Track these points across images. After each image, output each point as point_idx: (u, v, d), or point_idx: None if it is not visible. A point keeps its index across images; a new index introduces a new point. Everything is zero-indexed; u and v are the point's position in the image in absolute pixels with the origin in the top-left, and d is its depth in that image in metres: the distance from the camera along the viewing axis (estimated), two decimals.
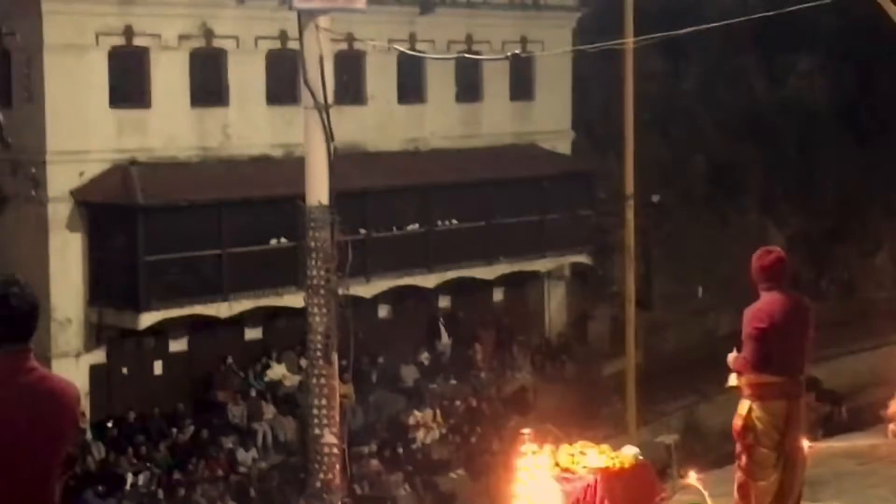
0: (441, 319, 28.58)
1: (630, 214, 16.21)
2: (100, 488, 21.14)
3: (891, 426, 12.54)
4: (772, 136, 33.50)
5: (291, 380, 25.08)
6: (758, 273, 8.40)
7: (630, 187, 16.20)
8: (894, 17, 12.61)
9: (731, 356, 8.54)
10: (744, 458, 8.48)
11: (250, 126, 25.71)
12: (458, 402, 26.20)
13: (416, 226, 27.32)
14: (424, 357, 27.66)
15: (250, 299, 24.73)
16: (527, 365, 28.62)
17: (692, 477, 10.40)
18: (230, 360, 24.99)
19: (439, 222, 27.69)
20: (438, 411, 25.76)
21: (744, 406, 8.44)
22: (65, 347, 23.37)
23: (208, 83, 25.52)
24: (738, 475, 8.56)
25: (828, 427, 22.21)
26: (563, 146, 30.99)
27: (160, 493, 21.45)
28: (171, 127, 24.82)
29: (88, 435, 22.30)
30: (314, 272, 10.61)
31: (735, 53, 32.88)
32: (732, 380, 8.58)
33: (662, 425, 23.41)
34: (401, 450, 24.19)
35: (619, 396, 19.31)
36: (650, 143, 26.85)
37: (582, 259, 30.11)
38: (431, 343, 28.30)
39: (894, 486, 10.34)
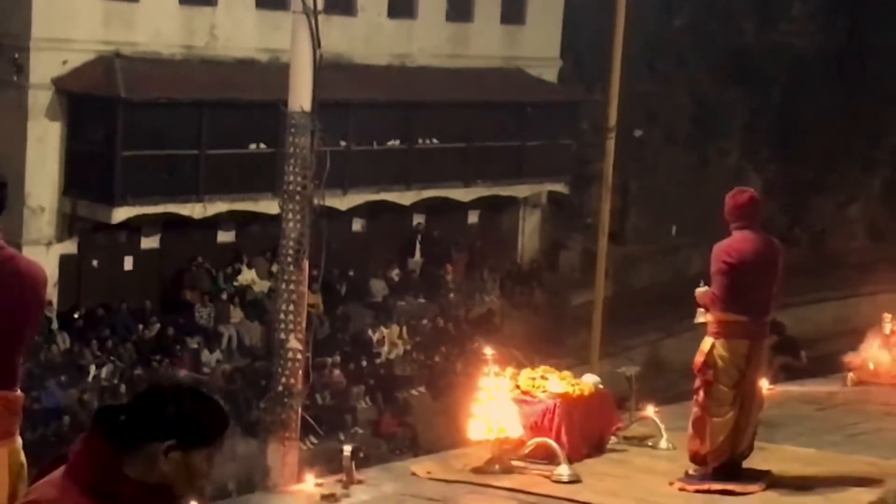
0: (415, 237, 28.63)
1: (611, 147, 16.21)
2: (62, 378, 21.21)
3: (850, 375, 12.72)
4: (759, 81, 33.44)
5: (261, 285, 25.14)
6: (731, 211, 8.47)
7: (613, 120, 16.18)
8: None
9: (700, 290, 8.62)
10: (701, 394, 8.61)
11: (238, 28, 25.48)
12: (424, 321, 26.34)
13: (397, 142, 27.27)
14: (395, 273, 27.74)
15: (225, 202, 24.69)
16: (496, 289, 28.74)
17: (650, 409, 10.54)
18: (201, 260, 25.00)
19: (420, 140, 27.63)
20: (405, 328, 25.89)
21: (706, 343, 8.54)
22: (36, 235, 23.30)
23: None
24: (695, 410, 8.69)
25: (788, 373, 22.46)
26: (550, 74, 30.86)
27: (122, 388, 21.53)
28: (157, 22, 24.57)
29: (54, 324, 22.33)
30: (291, 178, 10.62)
31: None
32: (700, 316, 8.67)
33: (625, 358, 23.60)
34: (364, 363, 24.34)
35: (584, 326, 19.44)
36: (637, 78, 26.77)
37: (559, 188, 30.14)
38: (403, 260, 28.37)
39: (847, 432, 10.51)
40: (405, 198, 27.58)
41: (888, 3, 31.49)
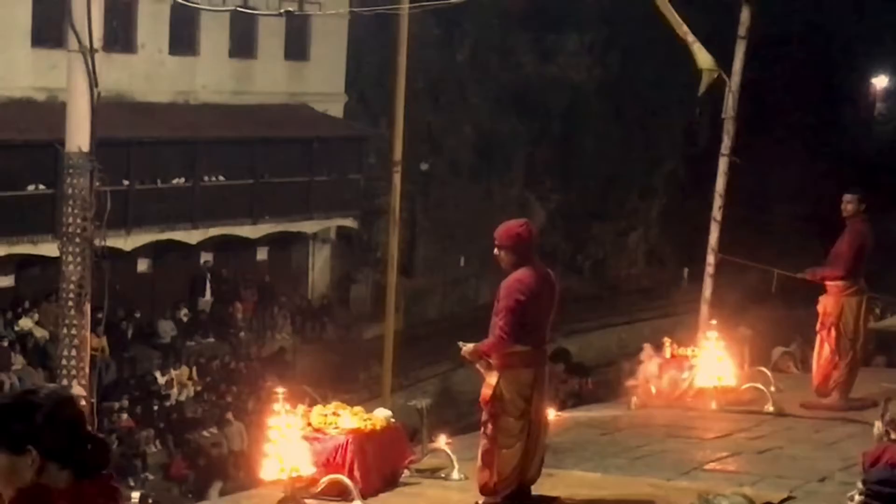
0: (204, 275, 28.25)
1: (397, 180, 16.34)
2: None
3: (633, 398, 13.09)
4: (539, 113, 34.30)
5: (42, 331, 24.39)
6: (514, 247, 8.63)
7: (398, 153, 16.32)
8: (669, 15, 13.07)
9: (468, 348, 8.69)
10: (490, 427, 8.72)
11: (13, 67, 24.77)
12: (215, 361, 25.98)
13: (182, 180, 26.90)
14: (183, 313, 27.29)
15: (3, 245, 23.93)
16: (287, 326, 28.59)
17: (442, 441, 10.63)
18: None
19: (206, 178, 27.33)
20: (194, 369, 25.49)
21: (492, 377, 8.67)
22: None
23: None
24: (483, 442, 8.80)
25: (575, 399, 22.97)
26: (336, 109, 30.98)
27: None
28: None
29: None
30: (70, 220, 10.35)
31: (508, 28, 33.47)
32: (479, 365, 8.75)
33: (417, 390, 23.78)
34: (154, 406, 23.85)
35: (377, 360, 19.49)
36: (421, 111, 27.14)
37: (348, 223, 30.23)
38: (192, 300, 27.95)
39: (632, 455, 10.80)
40: (192, 236, 27.22)
41: (658, 37, 32.73)
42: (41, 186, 23.77)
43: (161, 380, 24.81)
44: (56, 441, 3.42)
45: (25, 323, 24.60)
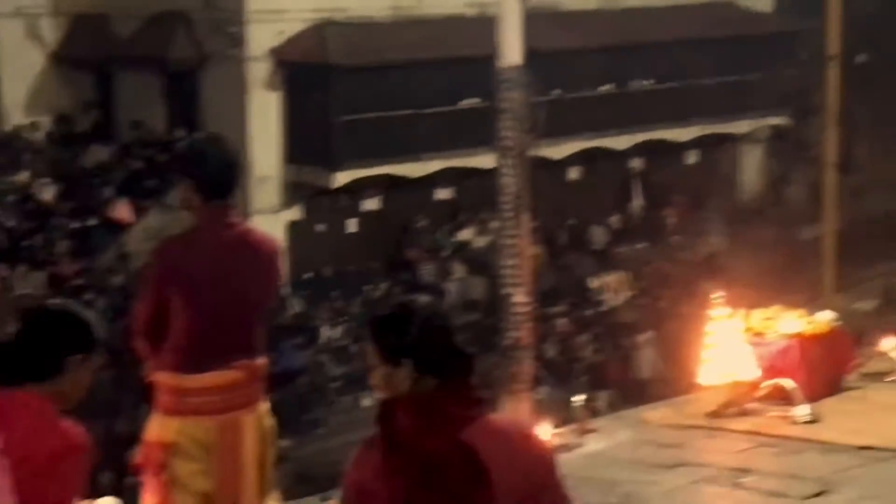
0: (633, 181, 28.36)
1: (833, 75, 15.65)
2: (296, 341, 21.85)
3: None
4: None
5: (481, 240, 25.32)
6: None
7: (834, 47, 15.61)
8: None
9: None
10: None
11: None
12: (647, 266, 26.09)
13: (610, 86, 26.99)
14: (614, 220, 27.58)
15: (441, 159, 24.92)
16: (719, 229, 28.23)
17: (887, 344, 10.21)
18: (421, 219, 25.34)
19: (633, 83, 27.29)
20: (628, 274, 25.70)
21: None
22: (263, 204, 23.99)
23: None
24: None
25: None
26: (763, 4, 29.99)
27: (353, 347, 22.05)
28: None
29: (286, 289, 23.00)
30: (505, 133, 10.63)
31: None
32: None
33: (860, 292, 22.88)
34: (589, 311, 24.27)
35: (816, 262, 18.88)
36: (858, 1, 25.76)
37: (780, 121, 29.35)
38: (622, 206, 28.16)
39: None
40: (620, 142, 27.33)
41: None
42: (475, 100, 24.49)
43: (595, 285, 25.21)
44: (429, 353, 3.50)
45: (465, 234, 25.63)
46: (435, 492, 3.41)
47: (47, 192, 24.36)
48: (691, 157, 29.41)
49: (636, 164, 28.43)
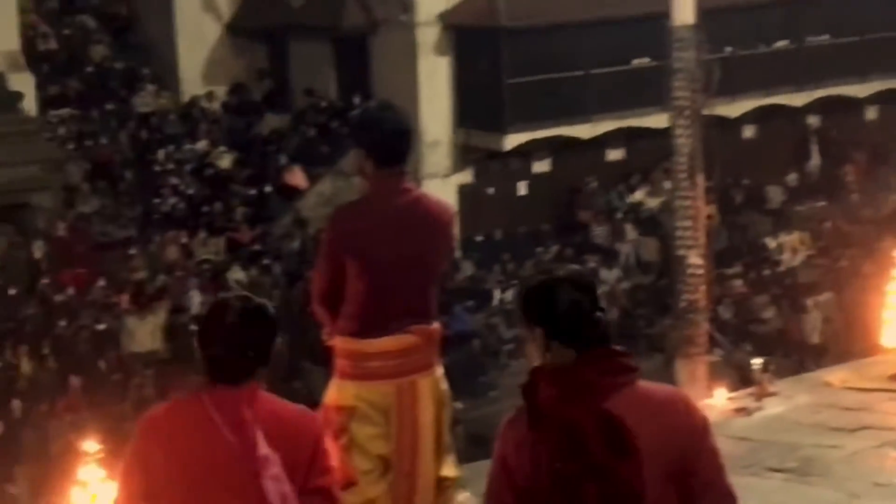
0: (811, 139, 27.69)
1: None
2: (469, 303, 21.98)
3: None
4: None
5: (653, 201, 25.06)
6: None
7: None
8: None
9: None
10: None
11: None
12: (826, 224, 25.46)
13: (785, 42, 26.36)
14: (791, 178, 26.98)
15: (613, 120, 24.71)
16: None
17: None
18: (593, 180, 25.19)
19: (809, 38, 26.59)
20: (806, 233, 25.13)
21: None
22: (434, 168, 24.16)
23: None
24: None
25: None
26: None
27: None
28: None
29: (458, 252, 23.15)
30: (679, 93, 10.49)
31: None
32: None
33: None
34: (766, 272, 23.82)
35: None
36: None
37: None
38: (799, 164, 27.53)
39: None
40: (797, 99, 26.69)
41: None
42: (645, 59, 24.19)
43: (772, 245, 24.72)
44: (560, 323, 3.49)
45: (638, 195, 25.38)
46: (578, 462, 3.38)
47: (225, 160, 24.99)
48: (870, 113, 28.54)
49: (813, 121, 27.73)
